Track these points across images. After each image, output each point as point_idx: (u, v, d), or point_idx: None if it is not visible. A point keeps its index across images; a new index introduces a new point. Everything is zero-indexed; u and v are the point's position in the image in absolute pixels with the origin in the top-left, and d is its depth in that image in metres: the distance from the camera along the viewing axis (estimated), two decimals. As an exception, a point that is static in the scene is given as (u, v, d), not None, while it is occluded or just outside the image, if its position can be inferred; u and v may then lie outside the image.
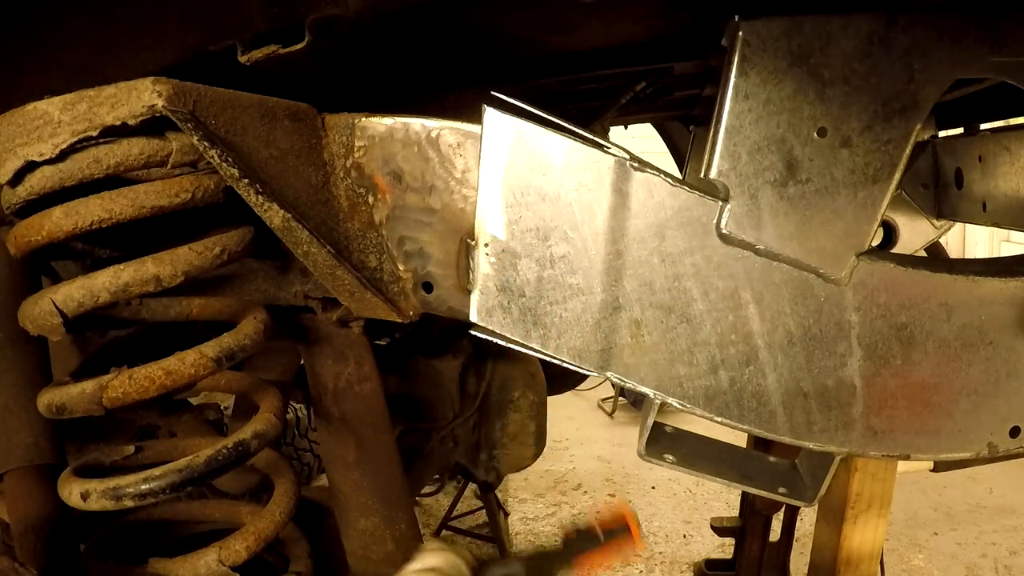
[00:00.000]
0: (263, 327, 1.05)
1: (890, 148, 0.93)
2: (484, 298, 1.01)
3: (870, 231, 0.95)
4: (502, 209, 0.98)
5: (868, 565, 2.79)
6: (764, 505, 3.00)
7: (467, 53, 1.30)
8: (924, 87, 0.92)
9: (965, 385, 1.00)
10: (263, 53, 0.92)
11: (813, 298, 0.97)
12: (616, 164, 0.95)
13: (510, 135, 0.96)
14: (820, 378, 0.99)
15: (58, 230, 0.89)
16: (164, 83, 0.83)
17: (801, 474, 1.13)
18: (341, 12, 0.88)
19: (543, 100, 1.60)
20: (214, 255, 0.96)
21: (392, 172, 1.04)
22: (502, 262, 0.99)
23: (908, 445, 1.02)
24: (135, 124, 0.85)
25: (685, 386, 1.00)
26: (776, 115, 0.92)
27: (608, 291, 0.98)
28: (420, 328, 1.94)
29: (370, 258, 1.09)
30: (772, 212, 0.95)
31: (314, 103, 1.04)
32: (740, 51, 0.91)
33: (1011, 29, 0.91)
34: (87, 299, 0.90)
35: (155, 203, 0.91)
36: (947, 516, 4.98)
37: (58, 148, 0.86)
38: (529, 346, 1.00)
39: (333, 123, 1.05)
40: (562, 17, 1.15)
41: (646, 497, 5.33)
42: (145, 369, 0.93)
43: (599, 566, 1.14)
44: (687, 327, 0.98)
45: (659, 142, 3.07)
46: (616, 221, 0.96)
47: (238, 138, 0.91)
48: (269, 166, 0.95)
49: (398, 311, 1.12)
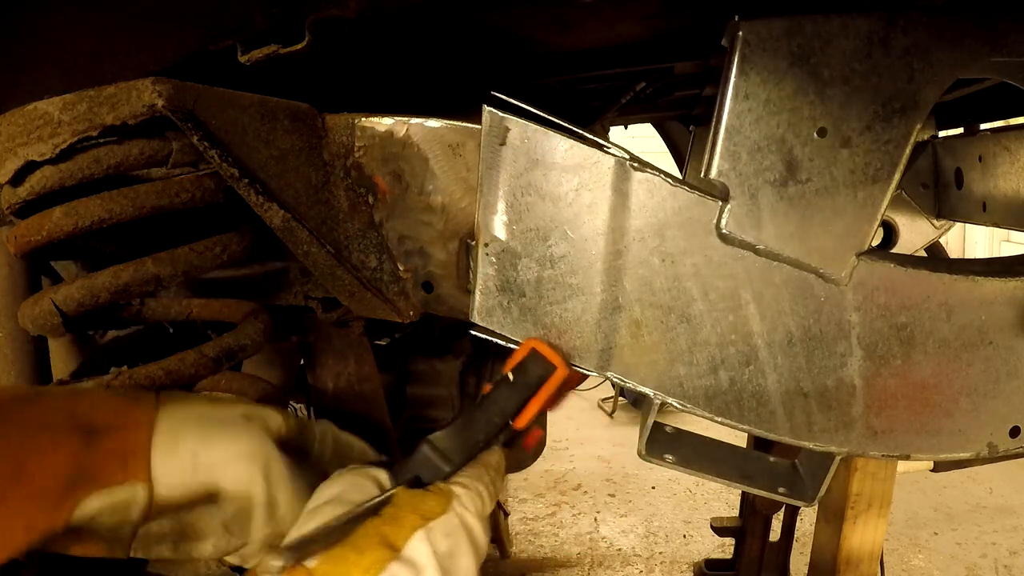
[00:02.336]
0: (263, 327, 1.05)
1: (890, 148, 0.93)
2: (484, 298, 1.01)
3: (870, 231, 0.95)
4: (502, 209, 0.98)
5: (868, 565, 2.79)
6: (764, 505, 3.00)
7: (467, 53, 1.30)
8: (924, 87, 0.92)
9: (965, 385, 1.00)
10: (263, 53, 0.92)
11: (813, 298, 0.97)
12: (616, 164, 0.95)
13: (510, 134, 0.96)
14: (820, 378, 0.99)
15: (58, 230, 0.90)
16: (164, 83, 0.83)
17: (801, 474, 1.13)
18: (341, 12, 0.88)
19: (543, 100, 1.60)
20: (214, 255, 0.96)
21: (392, 172, 1.05)
22: (502, 262, 0.99)
23: (908, 445, 1.02)
24: (135, 124, 0.85)
25: (685, 386, 1.00)
26: (776, 115, 0.92)
27: (608, 291, 0.98)
28: (420, 328, 1.94)
29: (370, 258, 1.09)
30: (772, 212, 0.95)
31: (314, 103, 1.04)
32: (740, 51, 0.91)
33: (1011, 29, 0.91)
34: (87, 299, 0.90)
35: (155, 203, 0.91)
36: (947, 516, 4.97)
37: (58, 148, 0.86)
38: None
39: (333, 123, 1.05)
40: (562, 17, 1.15)
41: (646, 497, 5.33)
42: (145, 369, 0.93)
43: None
44: (687, 327, 0.98)
45: (659, 142, 3.07)
46: (616, 221, 0.96)
47: (238, 138, 0.91)
48: (269, 166, 0.95)
49: (398, 311, 1.12)
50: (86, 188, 0.89)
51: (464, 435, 0.91)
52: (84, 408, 0.76)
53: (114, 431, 0.75)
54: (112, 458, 0.74)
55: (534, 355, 0.96)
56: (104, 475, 0.74)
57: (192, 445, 0.78)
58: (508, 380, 0.94)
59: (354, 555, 0.74)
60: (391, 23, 0.96)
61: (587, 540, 4.79)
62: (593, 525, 4.98)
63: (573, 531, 4.90)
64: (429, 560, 0.76)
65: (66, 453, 0.72)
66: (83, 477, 0.72)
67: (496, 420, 0.93)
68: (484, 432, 0.92)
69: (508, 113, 0.96)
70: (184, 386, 0.96)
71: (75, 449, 0.72)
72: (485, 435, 0.92)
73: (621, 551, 4.65)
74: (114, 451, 0.75)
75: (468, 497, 0.84)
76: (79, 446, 0.72)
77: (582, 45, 1.33)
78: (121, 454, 0.75)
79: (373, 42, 1.04)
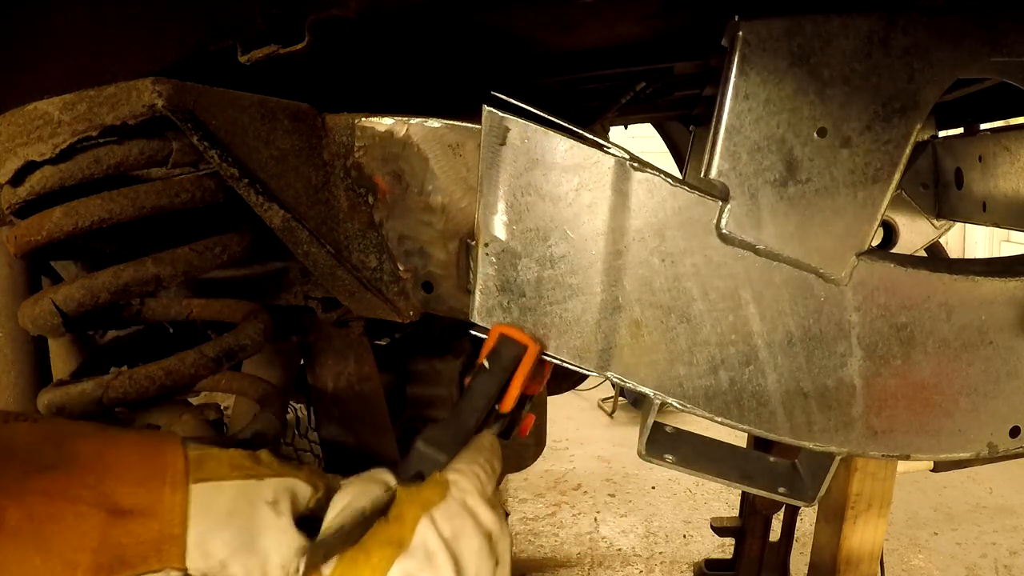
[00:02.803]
0: (263, 327, 1.05)
1: (890, 148, 0.93)
2: (484, 298, 1.01)
3: (870, 231, 0.95)
4: (502, 209, 0.98)
5: (868, 565, 2.79)
6: (764, 505, 3.00)
7: (467, 53, 1.30)
8: (924, 87, 0.92)
9: (965, 385, 1.00)
10: (263, 53, 0.92)
11: (813, 298, 0.97)
12: (616, 164, 0.95)
13: (510, 135, 0.96)
14: (820, 378, 0.99)
15: (58, 230, 0.90)
16: (164, 83, 0.83)
17: (801, 474, 1.13)
18: (341, 12, 0.88)
19: (543, 100, 1.60)
20: (214, 255, 0.96)
21: (392, 172, 1.05)
22: (502, 262, 0.99)
23: (908, 445, 1.02)
24: (135, 124, 0.85)
25: (685, 386, 1.00)
26: (776, 115, 0.92)
27: (608, 291, 0.98)
28: (420, 328, 1.94)
29: (370, 258, 1.09)
30: (772, 212, 0.95)
31: (314, 103, 1.04)
32: (740, 51, 0.91)
33: (1011, 29, 0.91)
34: (87, 299, 0.90)
35: (155, 203, 0.91)
36: (947, 516, 4.98)
37: (58, 148, 0.86)
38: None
39: (333, 123, 1.05)
40: (562, 17, 1.15)
41: (646, 497, 5.33)
42: (145, 369, 0.93)
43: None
44: (687, 327, 0.98)
45: (659, 142, 3.07)
46: (616, 221, 0.96)
47: (238, 138, 0.91)
48: (269, 166, 0.95)
49: (398, 311, 1.12)
50: (86, 188, 0.89)
51: (455, 426, 0.92)
52: (110, 484, 0.75)
53: (145, 517, 0.75)
54: (146, 546, 0.74)
55: (504, 339, 0.98)
56: (137, 561, 0.73)
57: (222, 553, 0.77)
58: (484, 368, 0.97)
59: (363, 556, 0.76)
60: (391, 23, 0.96)
61: (587, 540, 4.79)
62: (593, 525, 4.98)
63: (573, 531, 4.90)
64: (438, 546, 0.78)
65: (90, 528, 0.71)
66: (115, 559, 0.72)
67: (482, 405, 0.94)
68: (473, 419, 0.93)
69: (508, 113, 0.96)
70: (184, 386, 0.96)
71: (100, 527, 0.72)
72: (475, 421, 0.93)
73: (621, 551, 4.65)
74: (147, 540, 0.74)
75: (465, 480, 0.85)
76: (104, 525, 0.72)
77: (582, 45, 1.33)
78: (155, 543, 0.74)
79: (373, 42, 1.04)
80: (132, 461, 0.78)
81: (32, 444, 0.76)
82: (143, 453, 0.79)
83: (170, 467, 0.78)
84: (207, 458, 0.81)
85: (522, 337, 0.99)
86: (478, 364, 0.97)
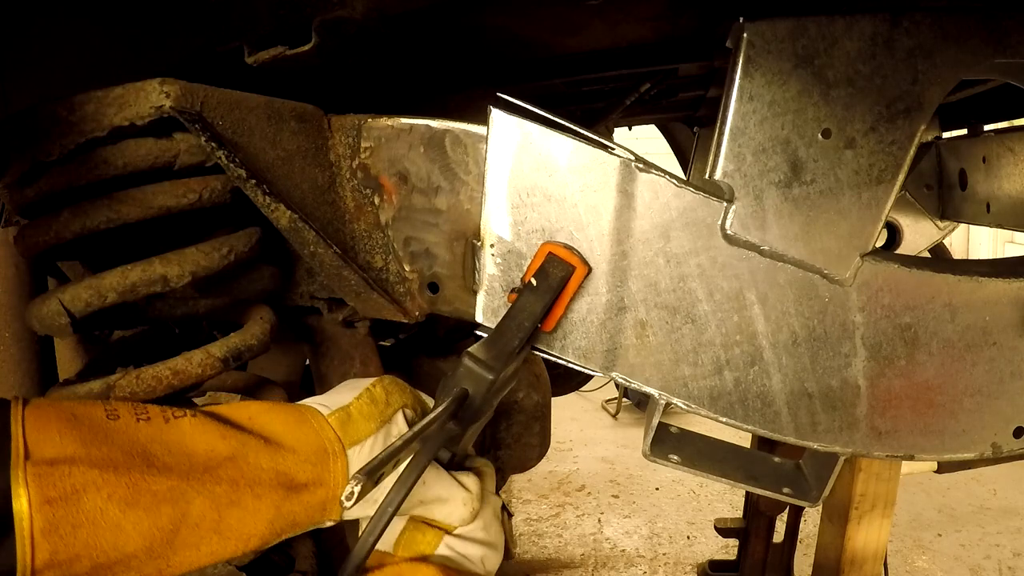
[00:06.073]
0: (269, 327, 1.05)
1: (894, 149, 0.93)
2: (490, 299, 1.01)
3: (874, 232, 0.95)
4: (508, 210, 0.98)
5: (872, 566, 2.79)
6: (768, 506, 3.00)
7: (472, 54, 1.30)
8: (928, 88, 0.92)
9: (969, 386, 1.00)
10: (270, 54, 0.93)
11: (817, 299, 0.97)
12: (621, 165, 0.96)
13: (516, 136, 0.97)
14: (824, 378, 0.99)
15: (66, 231, 0.90)
16: (171, 84, 0.84)
17: (805, 475, 1.13)
18: (348, 14, 0.89)
19: (548, 101, 1.61)
20: (221, 255, 0.97)
21: (398, 173, 1.05)
22: (508, 263, 1.00)
23: (912, 446, 1.02)
24: (142, 125, 0.85)
25: (690, 386, 1.00)
26: (781, 116, 0.92)
27: (613, 291, 0.98)
28: (425, 329, 1.94)
29: (376, 259, 1.09)
30: (777, 213, 0.95)
31: (320, 104, 1.05)
32: (745, 52, 0.91)
33: (1015, 30, 0.91)
34: (94, 299, 0.90)
35: (162, 204, 0.92)
36: (951, 518, 4.97)
37: (66, 149, 0.86)
38: (534, 347, 1.00)
39: (339, 124, 1.05)
40: (567, 18, 1.15)
41: (650, 498, 5.33)
42: (152, 369, 0.93)
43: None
44: (692, 328, 0.98)
45: (663, 143, 3.07)
46: (621, 222, 0.96)
47: (245, 139, 0.92)
48: (276, 167, 0.96)
49: (404, 311, 1.12)
50: (93, 189, 0.90)
51: (499, 344, 0.93)
52: (284, 463, 0.85)
53: (316, 487, 0.87)
54: (314, 509, 0.87)
55: (552, 258, 0.98)
56: (307, 523, 0.88)
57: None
58: (532, 286, 0.97)
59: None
60: (397, 25, 0.96)
61: (591, 541, 4.79)
62: (597, 526, 4.98)
63: (577, 532, 4.90)
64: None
65: (267, 506, 0.83)
66: (287, 524, 0.85)
67: (526, 324, 0.95)
68: (518, 338, 0.94)
69: (514, 114, 0.96)
70: (191, 385, 0.96)
71: (277, 503, 0.83)
72: (519, 341, 0.94)
73: (625, 552, 4.65)
74: (315, 504, 0.87)
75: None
76: (281, 500, 0.84)
77: (587, 47, 1.34)
78: (322, 504, 0.87)
79: (379, 43, 1.04)
80: (296, 437, 0.88)
81: (202, 437, 0.83)
82: (298, 428, 0.89)
83: (325, 437, 0.89)
84: (346, 420, 0.92)
85: (571, 257, 0.97)
86: (524, 281, 0.97)
